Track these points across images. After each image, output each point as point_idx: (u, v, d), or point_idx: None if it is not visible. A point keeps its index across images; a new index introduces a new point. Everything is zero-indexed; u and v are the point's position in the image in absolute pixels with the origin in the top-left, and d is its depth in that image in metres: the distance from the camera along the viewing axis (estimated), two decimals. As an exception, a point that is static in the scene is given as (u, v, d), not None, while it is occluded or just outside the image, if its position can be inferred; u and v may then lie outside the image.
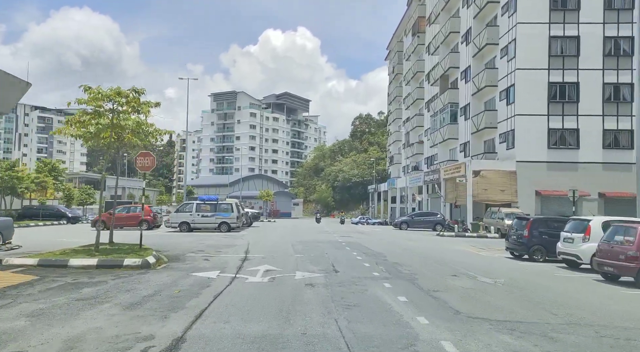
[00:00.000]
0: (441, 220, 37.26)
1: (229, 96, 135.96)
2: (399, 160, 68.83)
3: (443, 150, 47.71)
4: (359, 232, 32.60)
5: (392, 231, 35.59)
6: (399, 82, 70.80)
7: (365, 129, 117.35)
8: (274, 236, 25.66)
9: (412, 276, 11.40)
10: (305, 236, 26.02)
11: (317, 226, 41.16)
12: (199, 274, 11.03)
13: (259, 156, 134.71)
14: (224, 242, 20.48)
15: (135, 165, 14.86)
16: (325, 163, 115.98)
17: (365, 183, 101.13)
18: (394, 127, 72.89)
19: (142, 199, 16.69)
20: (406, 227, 37.68)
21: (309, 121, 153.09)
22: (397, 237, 28.02)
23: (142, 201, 16.69)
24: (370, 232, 32.68)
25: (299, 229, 35.23)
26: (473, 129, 40.26)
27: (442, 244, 23.25)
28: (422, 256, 16.42)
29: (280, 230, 32.71)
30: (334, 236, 26.64)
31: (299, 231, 31.45)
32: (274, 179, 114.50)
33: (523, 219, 17.17)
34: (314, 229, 35.70)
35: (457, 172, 36.87)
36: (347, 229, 36.51)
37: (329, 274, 11.39)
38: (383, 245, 21.28)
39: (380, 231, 35.48)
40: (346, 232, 31.18)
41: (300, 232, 29.88)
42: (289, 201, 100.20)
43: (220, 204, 28.55)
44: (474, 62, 41.07)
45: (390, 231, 36.45)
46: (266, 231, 30.73)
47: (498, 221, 30.10)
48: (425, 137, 55.98)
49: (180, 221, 27.89)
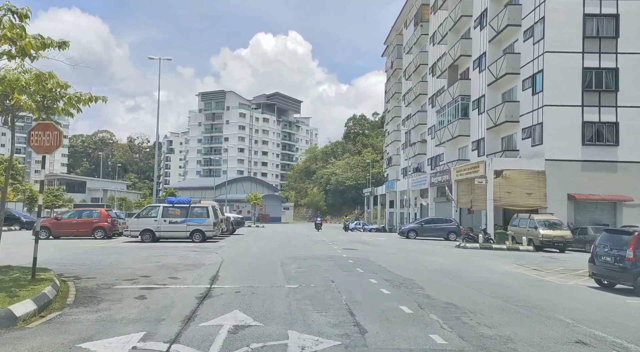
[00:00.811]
0: (455, 228, 32.00)
1: (217, 96, 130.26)
2: (398, 162, 63.64)
3: (451, 149, 42.53)
4: (361, 242, 27.19)
5: (399, 241, 30.24)
6: (398, 78, 65.72)
7: (359, 131, 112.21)
8: (259, 248, 20.15)
9: (508, 346, 6.00)
10: (299, 248, 20.55)
11: (312, 234, 35.70)
12: (94, 345, 5.53)
13: (249, 158, 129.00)
14: (190, 259, 14.93)
15: (29, 143, 9.25)
16: (317, 165, 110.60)
17: (359, 187, 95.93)
18: (392, 127, 67.75)
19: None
20: (414, 235, 32.35)
21: (301, 123, 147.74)
22: (411, 250, 22.63)
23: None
24: (375, 242, 27.29)
25: (291, 237, 29.77)
26: (489, 123, 35.14)
27: (474, 260, 17.91)
28: (475, 287, 11.02)
29: (268, 239, 27.20)
30: (334, 248, 21.21)
31: (290, 241, 25.97)
32: (264, 182, 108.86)
33: (619, 232, 11.88)
34: (308, 237, 30.26)
35: (474, 173, 31.65)
36: (348, 238, 31.08)
37: (352, 340, 5.97)
38: (402, 263, 15.88)
39: (385, 240, 30.13)
40: (348, 243, 25.79)
41: (292, 243, 24.41)
42: (279, 205, 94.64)
43: (194, 207, 22.97)
44: (490, 48, 35.99)
45: (397, 240, 31.10)
46: (250, 241, 25.19)
47: (530, 230, 24.87)
48: (429, 136, 50.84)
49: (142, 228, 22.25)
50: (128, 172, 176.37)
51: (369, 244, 25.78)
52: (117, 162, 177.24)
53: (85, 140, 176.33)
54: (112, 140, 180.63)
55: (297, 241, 26.08)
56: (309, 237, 30.45)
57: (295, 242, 24.56)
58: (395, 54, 65.45)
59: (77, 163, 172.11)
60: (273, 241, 25.67)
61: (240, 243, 22.78)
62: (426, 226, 32.25)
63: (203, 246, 20.28)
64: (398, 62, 64.48)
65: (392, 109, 67.00)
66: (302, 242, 24.63)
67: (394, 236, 36.70)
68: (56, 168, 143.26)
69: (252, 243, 23.18)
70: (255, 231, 38.71)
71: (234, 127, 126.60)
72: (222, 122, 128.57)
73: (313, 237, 30.74)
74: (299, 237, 30.15)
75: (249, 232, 35.95)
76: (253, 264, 14.20)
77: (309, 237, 30.37)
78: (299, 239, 27.42)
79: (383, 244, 26.21)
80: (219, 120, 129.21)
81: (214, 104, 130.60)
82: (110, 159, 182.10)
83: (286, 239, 27.08)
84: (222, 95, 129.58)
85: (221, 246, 20.83)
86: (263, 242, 23.99)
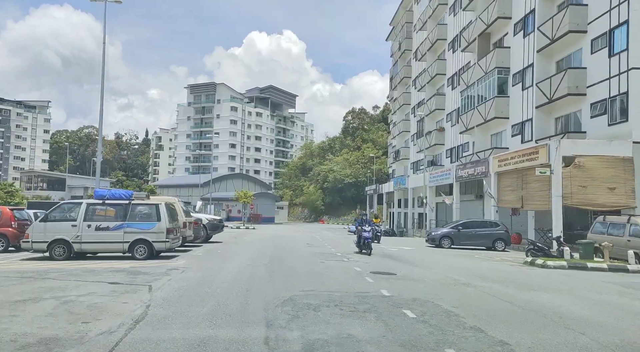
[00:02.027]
0: (503, 234, 23.93)
1: (207, 88, 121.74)
2: (407, 156, 55.61)
3: (482, 135, 34.51)
4: (386, 255, 19.02)
5: (434, 252, 22.11)
6: (407, 61, 57.72)
7: (358, 125, 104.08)
8: (233, 276, 11.84)
9: None
10: (300, 274, 12.29)
11: (313, 241, 27.55)
12: None
13: (240, 154, 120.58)
14: (63, 318, 6.75)
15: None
16: (314, 162, 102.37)
17: (359, 184, 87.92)
18: (400, 116, 59.71)
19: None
20: (449, 243, 24.23)
21: (296, 118, 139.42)
22: (477, 274, 14.47)
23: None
24: (406, 256, 19.11)
25: (285, 247, 21.59)
26: (540, 100, 27.17)
27: (599, 294, 9.83)
28: None
29: (253, 251, 18.93)
30: (356, 271, 13.00)
31: (285, 255, 17.76)
32: (256, 179, 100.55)
33: None
34: (310, 247, 22.08)
35: (530, 161, 23.63)
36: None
37: None
38: (503, 312, 7.75)
39: (413, 251, 22.00)
40: (369, 257, 17.72)
41: (287, 259, 16.18)
42: (272, 204, 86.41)
43: (136, 206, 14.74)
44: (541, 4, 27.99)
45: (430, 251, 22.95)
46: (226, 256, 16.92)
47: (634, 241, 16.89)
48: (448, 123, 42.87)
49: (52, 238, 14.02)
50: (115, 170, 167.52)
51: (398, 258, 17.69)
52: (104, 159, 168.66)
53: (69, 136, 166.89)
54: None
55: (295, 254, 17.86)
56: (311, 247, 22.29)
57: (292, 259, 16.36)
58: (403, 34, 57.41)
59: (60, 160, 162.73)
60: (260, 255, 17.44)
61: (207, 262, 14.49)
62: (464, 232, 24.13)
63: (141, 269, 12.07)
64: (407, 43, 56.45)
65: (399, 96, 58.95)
66: (303, 259, 16.44)
67: (416, 243, 28.64)
68: (37, 164, 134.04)
69: (227, 262, 14.93)
70: (241, 236, 30.48)
71: (225, 121, 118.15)
72: (212, 116, 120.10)
73: (317, 247, 22.56)
74: (297, 247, 22.01)
75: (231, 238, 27.72)
76: (201, 335, 6.03)
77: (310, 247, 22.20)
78: (298, 251, 19.28)
79: (418, 259, 18.09)
80: (209, 114, 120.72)
81: (203, 97, 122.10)
82: (96, 156, 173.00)
83: (279, 252, 18.87)
84: (213, 87, 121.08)
85: (172, 268, 12.60)
86: (243, 259, 15.76)
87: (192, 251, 17.86)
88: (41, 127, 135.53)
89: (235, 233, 35.48)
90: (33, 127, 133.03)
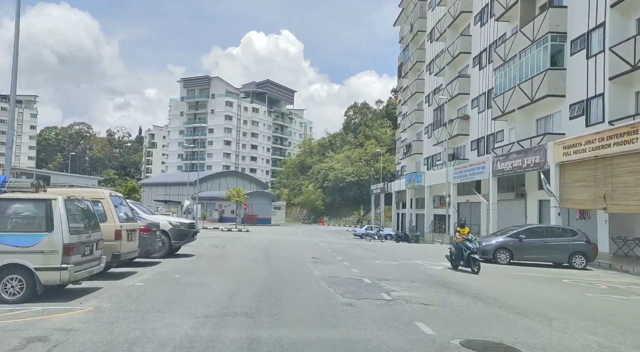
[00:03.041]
0: (584, 246, 17.12)
1: (201, 82, 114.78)
2: (419, 150, 48.96)
3: (525, 120, 27.77)
4: (439, 282, 12.23)
5: (493, 271, 15.35)
6: (420, 44, 51.09)
7: (361, 120, 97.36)
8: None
9: None
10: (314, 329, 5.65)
11: (319, 252, 20.77)
12: None
13: (236, 152, 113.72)
14: None
15: None
16: (313, 159, 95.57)
17: (362, 183, 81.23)
18: (411, 106, 53.01)
19: None
20: (508, 257, 17.43)
21: (294, 114, 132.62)
22: (586, 309, 7.72)
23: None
24: (465, 281, 12.40)
25: (282, 266, 14.72)
26: (616, 69, 20.50)
27: None
28: None
29: (229, 280, 11.81)
30: (425, 332, 6.37)
31: (282, 286, 10.84)
32: (251, 177, 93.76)
33: None
34: (317, 263, 15.28)
35: (623, 144, 16.95)
36: (389, 265, 16.17)
37: None
38: None
39: (459, 273, 15.34)
40: (406, 281, 11.04)
41: (286, 298, 9.30)
42: (268, 204, 79.58)
43: (8, 202, 7.97)
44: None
45: (485, 268, 16.19)
46: (176, 294, 9.97)
47: None
48: (475, 109, 36.22)
49: None
50: (107, 168, 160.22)
51: (450, 285, 10.96)
52: (95, 157, 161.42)
53: (59, 133, 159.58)
54: (89, 133, 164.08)
55: (300, 287, 10.88)
56: (320, 264, 15.48)
57: (295, 298, 9.41)
58: (416, 14, 50.77)
59: (49, 157, 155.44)
60: (240, 287, 10.45)
61: (131, 315, 7.48)
62: (528, 242, 17.35)
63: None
64: (421, 23, 49.82)
65: (411, 84, 52.27)
66: (315, 298, 9.50)
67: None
68: (22, 162, 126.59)
69: (173, 310, 8.07)
70: (226, 244, 23.65)
71: (219, 117, 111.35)
72: (206, 111, 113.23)
73: (328, 264, 15.73)
74: (301, 266, 15.24)
75: (211, 248, 20.89)
76: None
77: (318, 264, 15.38)
78: (303, 276, 12.44)
79: (491, 289, 11.33)
80: (202, 110, 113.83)
81: (197, 91, 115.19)
82: (87, 154, 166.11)
83: (274, 280, 11.90)
84: (207, 81, 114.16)
85: (41, 337, 5.83)
86: (209, 298, 8.78)
87: (131, 276, 11.03)
88: (27, 123, 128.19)
89: (222, 238, 28.71)
90: (19, 122, 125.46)
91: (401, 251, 23.63)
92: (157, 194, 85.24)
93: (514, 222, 28.63)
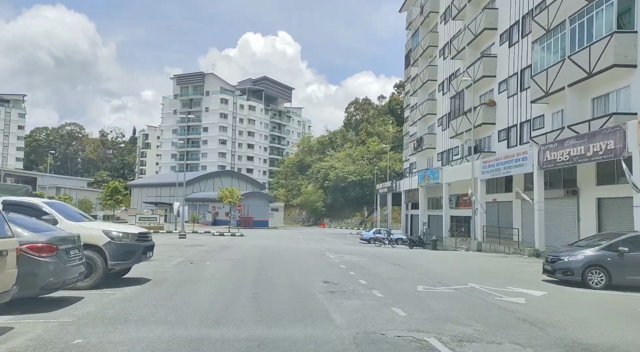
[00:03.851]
0: None
1: (195, 79, 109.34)
2: (432, 144, 43.71)
3: (577, 100, 22.42)
4: (514, 315, 6.95)
5: (594, 303, 10.10)
6: (432, 26, 45.84)
7: (362, 117, 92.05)
8: None
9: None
10: None
11: (329, 267, 15.37)
12: None
13: (232, 151, 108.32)
14: None
15: None
16: (312, 158, 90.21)
17: (364, 183, 75.94)
18: (422, 96, 47.74)
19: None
20: (604, 279, 12.04)
21: (292, 113, 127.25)
22: None
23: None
24: (571, 326, 7.18)
25: (281, 291, 9.40)
26: None
27: None
28: None
29: (187, 336, 6.81)
30: None
31: (281, 346, 5.65)
32: (247, 177, 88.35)
33: None
34: (336, 297, 9.91)
35: None
36: (440, 290, 10.89)
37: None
38: None
39: (559, 304, 10.08)
40: (489, 325, 5.82)
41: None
42: (265, 205, 74.21)
43: None
44: None
45: (575, 295, 10.91)
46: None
47: None
48: (503, 93, 30.97)
49: None
50: (100, 170, 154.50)
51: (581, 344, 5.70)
52: (87, 158, 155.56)
53: (50, 134, 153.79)
54: (82, 133, 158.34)
55: (311, 343, 5.71)
56: (337, 296, 10.13)
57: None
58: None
59: (39, 159, 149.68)
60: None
61: None
62: (632, 257, 12.04)
63: None
64: (433, 3, 44.56)
65: (422, 72, 46.99)
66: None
67: (500, 267, 16.63)
68: (10, 163, 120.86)
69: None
70: (206, 258, 18.22)
71: (214, 115, 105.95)
72: (200, 109, 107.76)
73: (349, 297, 10.35)
74: (308, 293, 9.94)
75: (184, 264, 15.47)
76: None
77: (335, 297, 10.02)
78: (310, 310, 7.24)
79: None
80: (197, 108, 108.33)
81: (191, 88, 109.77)
82: (79, 155, 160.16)
83: (266, 329, 6.69)
84: (201, 78, 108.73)
85: None
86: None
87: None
88: (15, 123, 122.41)
89: (208, 246, 23.34)
90: (6, 122, 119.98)
91: (431, 263, 18.28)
92: (147, 196, 79.75)
93: (563, 225, 23.37)
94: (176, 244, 25.06)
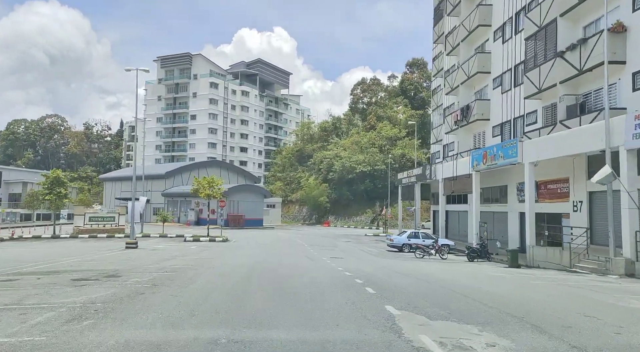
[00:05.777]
0: None
1: (181, 60, 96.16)
2: (485, 113, 31.03)
3: None
4: None
5: None
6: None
7: (371, 99, 79.21)
8: None
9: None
10: None
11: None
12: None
13: (223, 142, 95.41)
14: None
15: None
16: (314, 147, 77.40)
17: (376, 174, 63.18)
18: (466, 52, 34.88)
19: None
20: None
21: (290, 100, 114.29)
22: None
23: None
24: None
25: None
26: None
27: None
28: None
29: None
30: None
31: None
32: (240, 169, 75.59)
33: None
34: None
35: None
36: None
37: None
38: None
39: None
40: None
41: None
42: (259, 201, 61.40)
43: None
44: None
45: None
46: None
47: None
48: (637, 12, 18.17)
49: None
50: (84, 165, 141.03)
51: None
52: (70, 153, 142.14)
53: (29, 127, 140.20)
54: (64, 126, 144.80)
55: None
56: None
57: None
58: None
59: (17, 153, 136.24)
60: None
61: None
62: None
63: None
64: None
65: (467, 18, 34.16)
66: None
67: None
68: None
69: None
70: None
71: (203, 101, 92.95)
72: (187, 95, 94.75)
73: None
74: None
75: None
76: None
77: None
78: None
79: None
80: (183, 93, 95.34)
81: (177, 71, 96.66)
82: (61, 150, 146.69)
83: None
84: (188, 59, 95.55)
85: None
86: None
87: None
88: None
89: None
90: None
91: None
92: (121, 191, 66.91)
93: None
94: (80, 270, 12.31)
